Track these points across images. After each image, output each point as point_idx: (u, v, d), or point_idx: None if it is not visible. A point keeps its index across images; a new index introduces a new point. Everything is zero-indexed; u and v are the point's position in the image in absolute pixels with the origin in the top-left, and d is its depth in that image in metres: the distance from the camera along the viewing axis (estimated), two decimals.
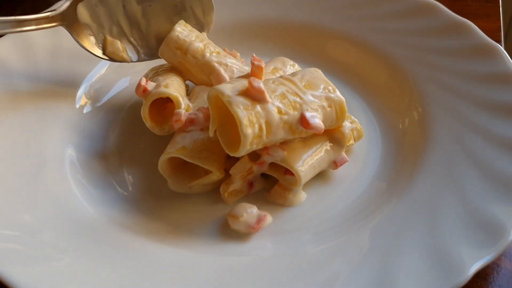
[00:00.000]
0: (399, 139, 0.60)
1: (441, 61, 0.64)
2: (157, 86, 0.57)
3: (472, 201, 0.49)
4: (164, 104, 0.58)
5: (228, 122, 0.51)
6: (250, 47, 0.70)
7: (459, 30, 0.65)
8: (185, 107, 0.57)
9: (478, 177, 0.51)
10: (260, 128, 0.49)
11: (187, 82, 0.63)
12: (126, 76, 0.68)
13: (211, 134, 0.51)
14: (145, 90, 0.56)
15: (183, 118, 0.55)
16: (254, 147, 0.50)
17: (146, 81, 0.57)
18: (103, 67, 0.67)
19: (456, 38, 0.65)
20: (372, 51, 0.68)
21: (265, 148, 0.52)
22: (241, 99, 0.49)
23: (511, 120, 0.55)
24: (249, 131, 0.48)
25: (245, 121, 0.48)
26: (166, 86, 0.56)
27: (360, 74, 0.68)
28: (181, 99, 0.56)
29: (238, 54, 0.65)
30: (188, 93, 0.62)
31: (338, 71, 0.68)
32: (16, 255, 0.46)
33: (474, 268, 0.42)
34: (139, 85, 0.57)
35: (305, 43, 0.71)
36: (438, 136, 0.57)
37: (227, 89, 0.50)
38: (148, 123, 0.57)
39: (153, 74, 0.61)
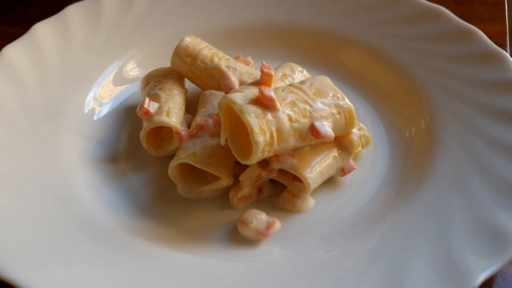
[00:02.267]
0: (407, 145, 0.61)
1: (447, 67, 0.64)
2: (159, 111, 0.58)
3: (480, 209, 0.49)
4: (162, 127, 0.59)
5: (239, 130, 0.52)
6: (260, 51, 0.71)
7: (466, 36, 0.66)
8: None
9: (485, 186, 0.51)
10: (272, 136, 0.50)
11: (187, 86, 0.64)
12: (135, 82, 0.68)
13: (222, 142, 0.52)
14: (147, 112, 0.57)
15: (184, 136, 0.55)
16: (266, 155, 0.51)
17: (150, 101, 0.58)
18: (112, 72, 0.68)
19: (463, 44, 0.65)
20: (379, 56, 0.69)
21: (275, 156, 0.53)
22: (252, 107, 0.50)
23: None
24: (260, 139, 0.49)
25: (256, 129, 0.49)
26: (168, 114, 0.57)
27: (367, 79, 0.69)
28: (179, 126, 0.57)
29: (252, 62, 0.66)
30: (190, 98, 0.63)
31: (346, 75, 0.69)
32: (27, 260, 0.47)
33: (481, 278, 0.43)
34: (141, 107, 0.58)
35: (314, 47, 0.72)
36: (446, 143, 0.57)
37: (238, 97, 0.50)
38: (145, 145, 0.59)
39: (154, 85, 0.62)
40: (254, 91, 0.52)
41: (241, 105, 0.50)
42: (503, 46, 0.77)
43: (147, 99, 0.58)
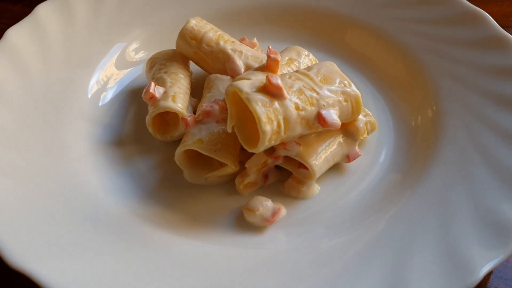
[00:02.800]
0: (412, 132, 0.61)
1: (454, 51, 0.64)
2: (165, 96, 0.57)
3: (484, 200, 0.50)
4: (168, 112, 0.59)
5: (246, 118, 0.52)
6: (265, 32, 0.71)
7: (474, 20, 0.65)
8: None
9: (490, 176, 0.52)
10: (279, 125, 0.50)
11: (191, 68, 0.64)
12: (140, 64, 0.68)
13: (229, 130, 0.52)
14: (152, 97, 0.57)
15: (190, 122, 0.55)
16: (273, 143, 0.51)
17: (155, 85, 0.58)
18: (115, 55, 0.67)
19: (470, 28, 0.65)
20: (385, 39, 0.69)
21: (282, 143, 0.53)
22: (259, 96, 0.49)
23: None
24: (268, 128, 0.49)
25: (264, 118, 0.49)
26: (173, 99, 0.57)
27: (373, 62, 0.68)
28: (185, 112, 0.57)
29: (257, 44, 0.65)
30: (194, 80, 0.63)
31: (351, 58, 0.69)
32: (37, 249, 0.47)
33: (484, 269, 0.44)
34: (147, 91, 0.57)
35: (320, 29, 0.71)
36: (451, 130, 0.57)
37: (246, 85, 0.50)
38: (151, 130, 0.59)
39: (159, 68, 0.61)
40: (261, 78, 0.52)
41: (248, 93, 0.49)
42: (509, 27, 0.77)
43: (152, 84, 0.58)
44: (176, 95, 0.58)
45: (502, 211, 0.48)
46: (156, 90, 0.58)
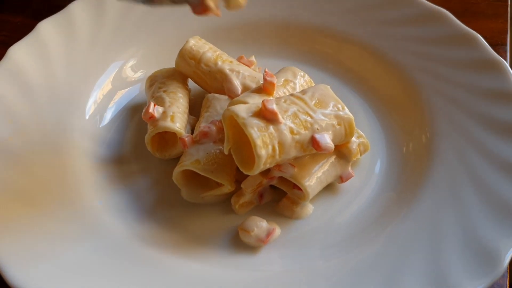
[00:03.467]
0: (405, 153, 0.62)
1: (448, 72, 0.65)
2: (164, 115, 0.59)
3: (473, 227, 0.51)
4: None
5: (242, 141, 0.53)
6: (262, 48, 0.72)
7: (466, 41, 0.66)
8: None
9: (479, 202, 0.53)
10: (274, 149, 0.51)
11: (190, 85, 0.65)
12: (137, 84, 0.69)
13: (226, 152, 0.54)
14: (152, 117, 0.59)
15: (188, 142, 0.57)
16: (268, 166, 0.52)
17: (155, 105, 0.59)
18: (113, 72, 0.69)
19: (463, 50, 0.66)
20: (380, 57, 0.69)
21: (277, 165, 0.55)
22: (255, 120, 0.51)
23: None
24: (263, 152, 0.50)
25: (259, 143, 0.50)
26: (172, 119, 0.59)
27: (368, 81, 0.69)
28: (183, 132, 0.59)
29: (255, 62, 0.67)
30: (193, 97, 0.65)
31: (347, 76, 0.70)
32: (34, 267, 0.49)
33: None
34: (147, 111, 0.59)
35: (317, 47, 0.72)
36: (444, 154, 0.58)
37: (242, 110, 0.52)
38: (150, 148, 0.60)
39: (159, 87, 0.63)
40: (257, 102, 0.54)
41: (244, 118, 0.51)
42: (504, 45, 0.78)
43: (152, 104, 0.59)
44: (174, 114, 0.60)
45: (488, 239, 0.50)
46: (156, 110, 0.59)
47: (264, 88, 0.57)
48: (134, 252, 0.53)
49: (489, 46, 0.65)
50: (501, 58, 0.64)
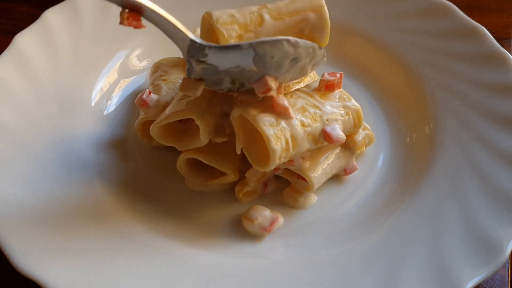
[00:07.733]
0: (408, 145, 0.62)
1: (453, 66, 0.65)
2: (157, 104, 0.59)
3: (474, 218, 0.52)
4: None
5: (253, 139, 0.53)
6: None
7: (471, 34, 0.66)
8: None
9: (481, 193, 0.53)
10: (287, 143, 0.51)
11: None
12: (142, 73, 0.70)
13: (238, 151, 0.54)
14: (144, 104, 0.59)
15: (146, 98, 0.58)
16: (282, 161, 0.52)
17: (149, 93, 0.59)
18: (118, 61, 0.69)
19: (468, 43, 0.66)
20: (384, 50, 0.70)
21: (290, 160, 0.54)
22: (266, 117, 0.51)
23: None
24: (277, 146, 0.50)
25: (272, 138, 0.50)
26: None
27: (372, 73, 0.70)
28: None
29: None
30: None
31: (351, 69, 0.70)
32: (44, 255, 0.49)
33: (469, 285, 0.46)
34: (140, 98, 0.59)
35: None
36: (446, 146, 0.59)
37: (251, 108, 0.52)
38: (139, 134, 0.61)
39: (160, 75, 0.63)
40: (265, 100, 0.53)
41: (255, 115, 0.51)
42: (509, 39, 0.78)
43: (146, 91, 0.60)
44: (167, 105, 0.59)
45: (489, 229, 0.50)
46: (149, 98, 0.59)
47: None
48: (136, 240, 0.53)
49: (494, 40, 0.65)
50: (506, 51, 0.64)
